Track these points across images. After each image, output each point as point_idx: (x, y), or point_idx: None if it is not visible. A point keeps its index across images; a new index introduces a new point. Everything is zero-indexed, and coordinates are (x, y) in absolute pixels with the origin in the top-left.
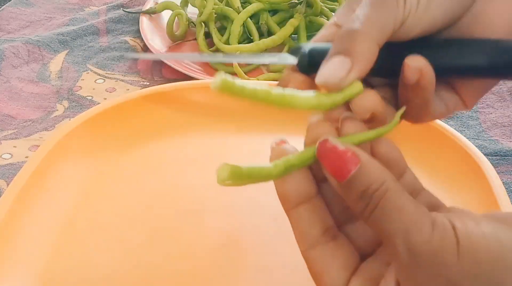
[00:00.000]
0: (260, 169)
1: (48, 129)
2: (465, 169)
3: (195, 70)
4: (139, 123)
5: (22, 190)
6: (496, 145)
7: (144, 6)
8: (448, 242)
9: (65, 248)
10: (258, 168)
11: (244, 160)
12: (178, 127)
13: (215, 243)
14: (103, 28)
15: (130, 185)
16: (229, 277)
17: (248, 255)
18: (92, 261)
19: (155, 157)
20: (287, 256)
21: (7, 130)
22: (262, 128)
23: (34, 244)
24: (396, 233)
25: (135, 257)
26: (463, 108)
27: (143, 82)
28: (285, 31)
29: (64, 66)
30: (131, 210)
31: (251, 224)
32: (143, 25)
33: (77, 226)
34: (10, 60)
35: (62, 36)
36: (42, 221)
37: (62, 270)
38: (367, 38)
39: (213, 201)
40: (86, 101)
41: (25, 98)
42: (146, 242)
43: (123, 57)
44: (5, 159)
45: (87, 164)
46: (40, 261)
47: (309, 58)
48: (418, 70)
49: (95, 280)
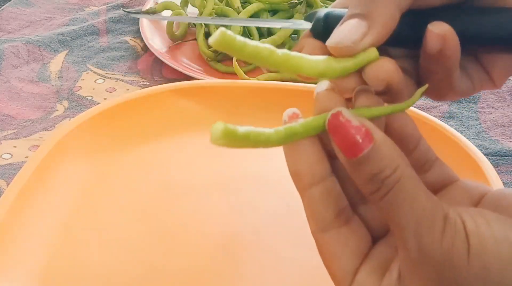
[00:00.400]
0: (259, 133)
1: (48, 129)
2: (465, 169)
3: (195, 70)
4: (139, 123)
5: (22, 190)
6: (496, 145)
7: (144, 6)
8: (459, 244)
9: (65, 248)
10: (256, 131)
11: (245, 159)
12: (178, 127)
13: (215, 243)
14: (103, 28)
15: (130, 185)
16: (229, 277)
17: (248, 255)
18: (92, 261)
19: (155, 157)
20: (288, 256)
21: (7, 130)
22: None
23: (34, 244)
24: (406, 227)
25: (135, 257)
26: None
27: (143, 82)
28: (285, 31)
29: (64, 66)
30: (131, 210)
31: (251, 224)
32: (143, 25)
33: (77, 226)
34: (10, 60)
35: (62, 36)
36: (42, 221)
37: (62, 270)
38: (388, 1)
39: (213, 201)
40: (86, 101)
41: (25, 98)
42: (146, 242)
43: (123, 57)
44: (5, 159)
45: (87, 164)
46: (40, 261)
47: (324, 23)
48: (442, 37)
49: (95, 280)
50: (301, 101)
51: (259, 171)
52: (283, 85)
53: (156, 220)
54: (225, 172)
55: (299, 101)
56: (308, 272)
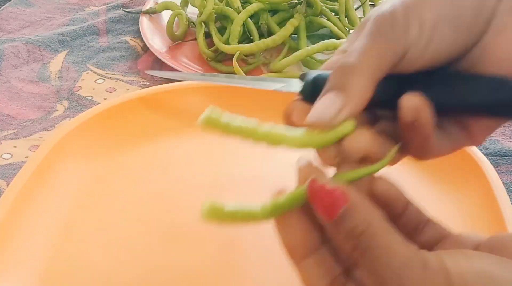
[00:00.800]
0: (245, 211)
1: (48, 129)
2: (465, 169)
3: (195, 70)
4: (139, 123)
5: (22, 190)
6: (496, 145)
7: (144, 6)
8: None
9: (65, 248)
10: (243, 209)
11: (245, 159)
12: (178, 127)
13: (216, 243)
14: (103, 28)
15: (130, 185)
16: (230, 277)
17: (248, 256)
18: (92, 261)
19: (155, 157)
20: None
21: (7, 130)
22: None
23: (34, 244)
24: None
25: (135, 257)
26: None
27: (143, 82)
28: (285, 31)
29: (64, 66)
30: (131, 210)
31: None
32: (143, 25)
33: (77, 226)
34: (10, 60)
35: (62, 36)
36: (42, 221)
37: (62, 270)
38: (362, 73)
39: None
40: (86, 101)
41: (25, 98)
42: (146, 242)
43: (123, 57)
44: (5, 159)
45: (87, 164)
46: (40, 261)
47: (312, 86)
48: (414, 110)
49: (95, 280)
50: None
51: (259, 171)
52: None
53: (156, 220)
54: (225, 172)
55: None
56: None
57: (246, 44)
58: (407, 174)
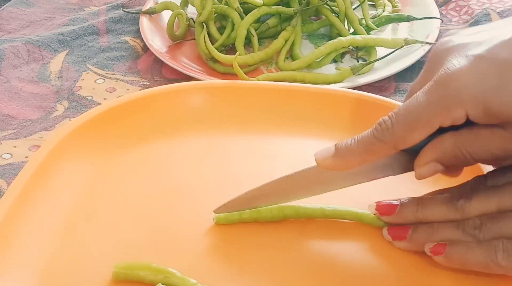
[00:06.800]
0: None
1: (48, 129)
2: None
3: (195, 70)
4: (139, 124)
5: (23, 190)
6: None
7: (144, 6)
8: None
9: (66, 248)
10: None
11: (245, 160)
12: (179, 127)
13: (216, 243)
14: (103, 28)
15: (131, 185)
16: (230, 277)
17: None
18: (93, 261)
19: (155, 158)
20: (288, 257)
21: (7, 130)
22: (263, 129)
23: (34, 244)
24: None
25: (136, 257)
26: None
27: (143, 82)
28: (277, 44)
29: (64, 66)
30: (132, 210)
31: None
32: (143, 25)
33: (78, 226)
34: (10, 60)
35: (62, 36)
36: (42, 221)
37: (63, 270)
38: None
39: (214, 202)
40: (86, 101)
41: (25, 98)
42: (147, 242)
43: (123, 57)
44: (5, 159)
45: (87, 165)
46: (40, 261)
47: None
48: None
49: (95, 280)
50: (301, 101)
51: (259, 171)
52: (283, 85)
53: (157, 220)
54: (225, 172)
55: (299, 101)
56: (308, 272)
57: (242, 56)
58: (407, 174)
